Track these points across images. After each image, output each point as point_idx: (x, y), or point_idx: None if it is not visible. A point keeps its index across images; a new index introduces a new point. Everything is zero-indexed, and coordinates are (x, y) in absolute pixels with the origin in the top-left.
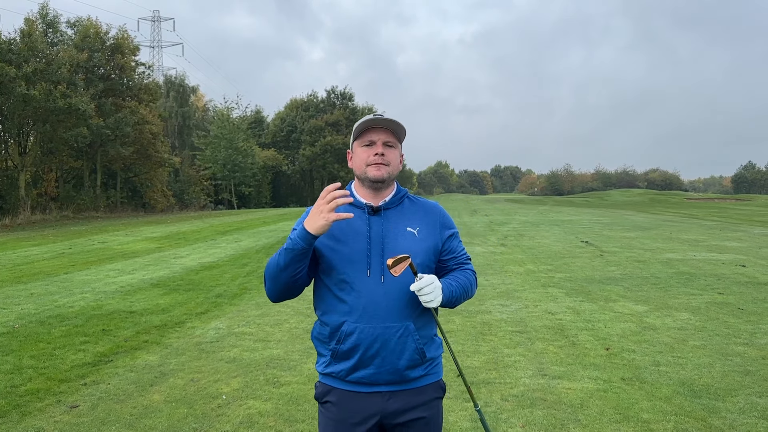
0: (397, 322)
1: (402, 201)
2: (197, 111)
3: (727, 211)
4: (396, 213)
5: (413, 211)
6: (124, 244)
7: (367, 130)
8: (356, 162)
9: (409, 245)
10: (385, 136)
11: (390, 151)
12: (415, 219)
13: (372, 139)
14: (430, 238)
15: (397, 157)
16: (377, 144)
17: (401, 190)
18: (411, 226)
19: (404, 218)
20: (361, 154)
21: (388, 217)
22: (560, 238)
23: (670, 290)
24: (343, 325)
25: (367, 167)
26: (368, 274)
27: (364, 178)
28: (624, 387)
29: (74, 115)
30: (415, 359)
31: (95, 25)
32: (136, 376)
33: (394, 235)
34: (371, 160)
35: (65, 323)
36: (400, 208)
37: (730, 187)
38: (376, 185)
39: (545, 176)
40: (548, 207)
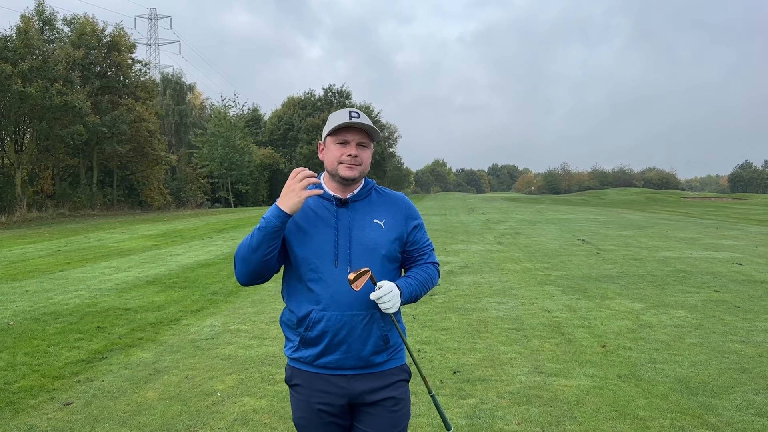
0: (363, 310)
1: (369, 193)
2: (194, 109)
3: (723, 209)
4: (363, 205)
5: (380, 203)
6: (120, 241)
7: (342, 128)
8: (328, 157)
9: (375, 236)
10: (360, 137)
11: (363, 151)
12: (382, 211)
13: (346, 138)
14: (396, 229)
15: (369, 158)
16: (351, 145)
17: (368, 183)
18: (378, 218)
19: (371, 210)
20: (335, 151)
21: (356, 209)
22: (557, 237)
23: (666, 288)
24: (311, 313)
25: (339, 165)
26: (335, 264)
27: (335, 174)
28: (620, 384)
29: (70, 112)
30: (380, 345)
31: (92, 22)
32: (131, 373)
33: (361, 226)
34: (345, 159)
35: (60, 320)
36: (368, 200)
37: (726, 186)
38: (346, 182)
39: (542, 175)
40: (545, 205)
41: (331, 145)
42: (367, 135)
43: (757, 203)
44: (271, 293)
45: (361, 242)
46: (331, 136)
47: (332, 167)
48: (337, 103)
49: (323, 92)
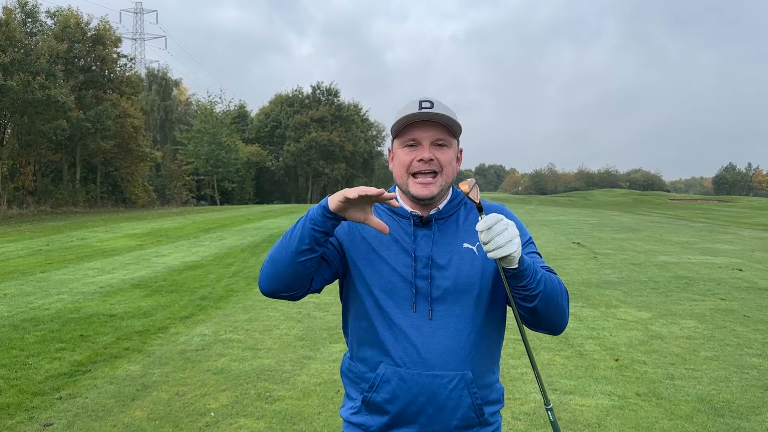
0: (451, 370)
1: (458, 208)
2: (180, 105)
3: (712, 212)
4: (451, 225)
5: (472, 219)
6: (104, 240)
7: (409, 125)
8: (397, 167)
9: (467, 268)
10: (435, 133)
11: (442, 152)
12: (474, 230)
13: (416, 137)
14: None
15: (452, 160)
16: (423, 145)
17: (457, 194)
18: (469, 242)
19: (461, 231)
20: (403, 158)
21: (441, 231)
22: (551, 239)
23: (671, 295)
24: (379, 365)
25: (410, 179)
26: (413, 308)
27: (406, 192)
28: (641, 404)
29: (53, 107)
30: (471, 418)
31: (76, 15)
32: (116, 388)
33: (448, 254)
34: (415, 167)
35: (40, 327)
36: (456, 217)
37: (710, 188)
38: (422, 202)
39: (529, 175)
40: (534, 206)
41: (398, 149)
42: (446, 130)
43: (744, 206)
44: (264, 299)
45: (447, 276)
46: (397, 139)
47: (402, 181)
48: (326, 100)
49: (311, 90)
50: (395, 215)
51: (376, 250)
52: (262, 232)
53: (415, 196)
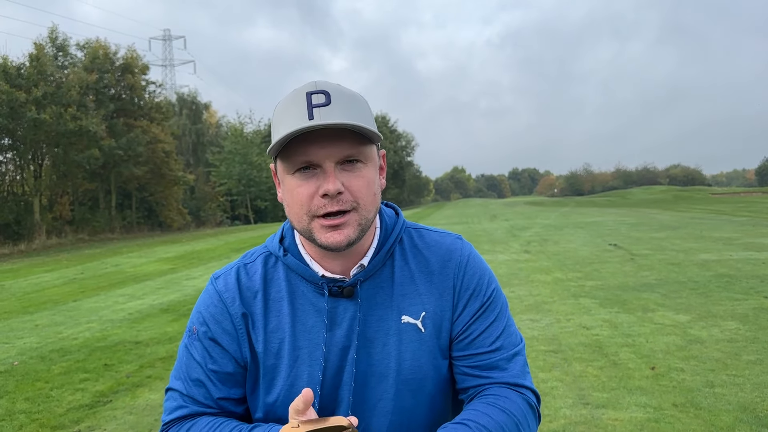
0: None
1: (389, 256)
2: (210, 127)
3: (755, 205)
4: (383, 287)
5: (409, 273)
6: (137, 266)
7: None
8: (288, 203)
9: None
10: (341, 148)
11: (356, 176)
12: (416, 291)
13: (311, 158)
14: (445, 326)
15: (369, 183)
16: (326, 170)
17: (388, 229)
18: (410, 312)
19: (396, 294)
20: (297, 192)
21: (370, 299)
22: (586, 242)
23: (711, 296)
24: None
25: (312, 221)
26: None
27: (310, 239)
28: (678, 415)
29: (85, 137)
30: None
31: (104, 45)
32: (135, 419)
33: (384, 337)
34: (317, 206)
35: (66, 358)
36: (390, 269)
37: (754, 180)
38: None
39: (564, 177)
40: (570, 208)
41: (285, 177)
42: (357, 137)
43: None
44: None
45: (387, 375)
46: (281, 159)
47: (300, 224)
48: None
49: None
50: (300, 277)
51: (281, 349)
52: None
53: (325, 247)
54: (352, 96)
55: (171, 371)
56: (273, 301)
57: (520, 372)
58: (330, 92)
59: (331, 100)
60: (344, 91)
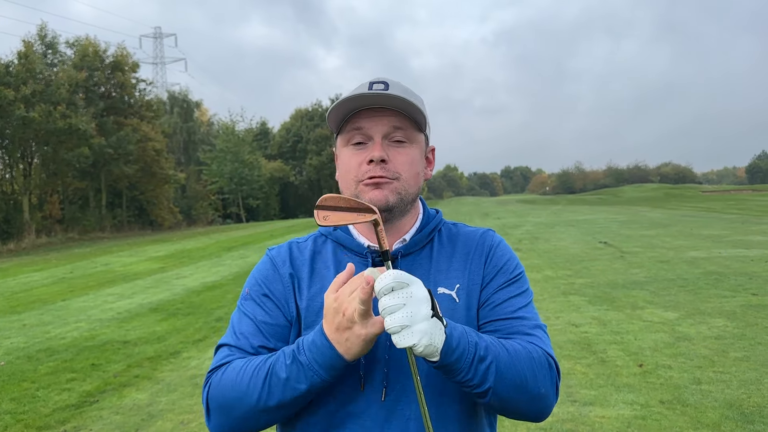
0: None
1: (430, 238)
2: (202, 125)
3: (745, 202)
4: (422, 262)
5: (449, 253)
6: (127, 265)
7: (354, 115)
8: (341, 173)
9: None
10: (388, 123)
11: (400, 151)
12: (452, 267)
13: (362, 127)
14: (475, 300)
15: (414, 162)
16: (375, 141)
17: (430, 217)
18: (446, 284)
19: (433, 270)
20: (349, 161)
21: (410, 270)
22: (577, 240)
23: (699, 293)
24: None
25: (358, 186)
26: (361, 387)
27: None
28: (665, 412)
29: (75, 135)
30: None
31: (94, 43)
32: (122, 419)
33: None
34: (363, 172)
35: (54, 357)
36: (428, 251)
37: (744, 178)
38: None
39: (556, 175)
40: (561, 206)
41: (342, 149)
42: (406, 120)
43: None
44: None
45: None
46: (340, 135)
47: (349, 190)
48: None
49: (330, 102)
50: (347, 251)
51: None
52: None
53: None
54: (409, 88)
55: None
56: (319, 269)
57: (543, 342)
58: (389, 82)
59: (388, 87)
60: (402, 85)
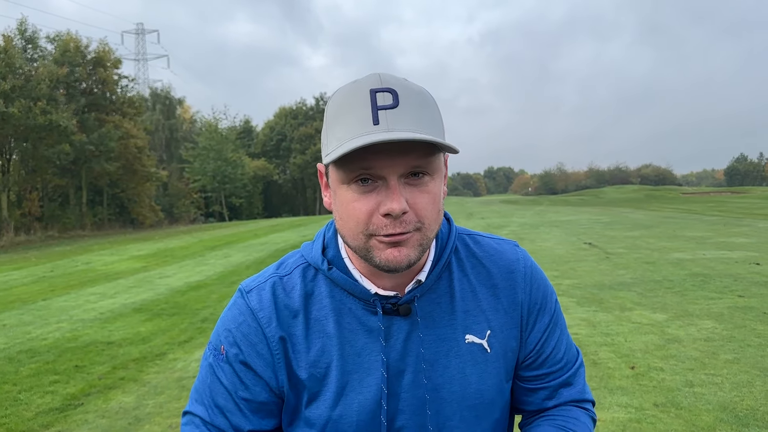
0: None
1: (449, 267)
2: (184, 123)
3: (725, 204)
4: (441, 304)
5: (471, 286)
6: (109, 264)
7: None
8: (342, 217)
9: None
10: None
11: (420, 190)
12: (479, 306)
13: (372, 171)
14: (511, 346)
15: (435, 198)
16: (389, 183)
17: (443, 239)
18: (475, 331)
19: (458, 312)
20: (353, 207)
21: (428, 318)
22: (562, 240)
23: (686, 294)
24: None
25: (369, 240)
26: None
27: (366, 258)
28: (659, 415)
29: (55, 131)
30: None
31: (75, 39)
32: (108, 423)
33: (444, 358)
34: (377, 226)
35: (35, 359)
36: (447, 283)
37: (722, 180)
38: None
39: (539, 176)
40: (545, 207)
41: (341, 190)
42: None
43: (758, 196)
44: None
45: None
46: (336, 166)
47: (356, 242)
48: None
49: (314, 101)
50: (347, 294)
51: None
52: (269, 247)
53: (383, 267)
54: (421, 95)
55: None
56: (315, 320)
57: (583, 386)
58: (397, 91)
59: (398, 101)
60: (412, 89)
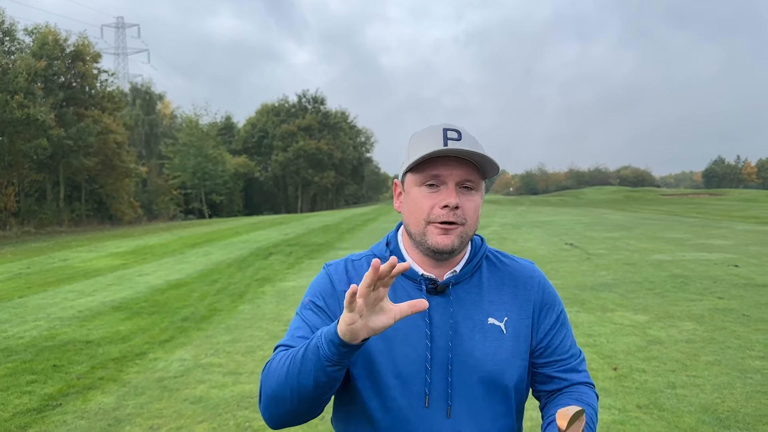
0: None
1: (478, 268)
2: (165, 118)
3: (704, 206)
4: (471, 292)
5: (497, 284)
6: (87, 261)
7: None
8: (412, 211)
9: (492, 352)
10: (464, 173)
11: (469, 198)
12: (501, 299)
13: (440, 175)
14: (524, 332)
15: (477, 208)
16: (449, 186)
17: (477, 246)
18: (495, 315)
19: (485, 300)
20: (421, 202)
21: (461, 301)
22: (544, 241)
23: (667, 296)
24: None
25: (427, 226)
26: (426, 403)
27: (421, 242)
28: (642, 417)
29: (33, 125)
30: None
31: (54, 32)
32: (87, 424)
33: (470, 332)
34: (436, 215)
35: (12, 358)
36: (478, 281)
37: (700, 182)
38: (440, 256)
39: (520, 176)
40: (526, 207)
41: (413, 188)
42: (476, 170)
43: (735, 198)
44: (248, 317)
45: (471, 363)
46: (413, 173)
47: (417, 228)
48: (312, 108)
49: (297, 98)
50: (401, 275)
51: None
52: (250, 245)
53: (434, 249)
54: (476, 138)
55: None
56: None
57: (587, 374)
58: (461, 131)
59: (461, 137)
60: (471, 133)
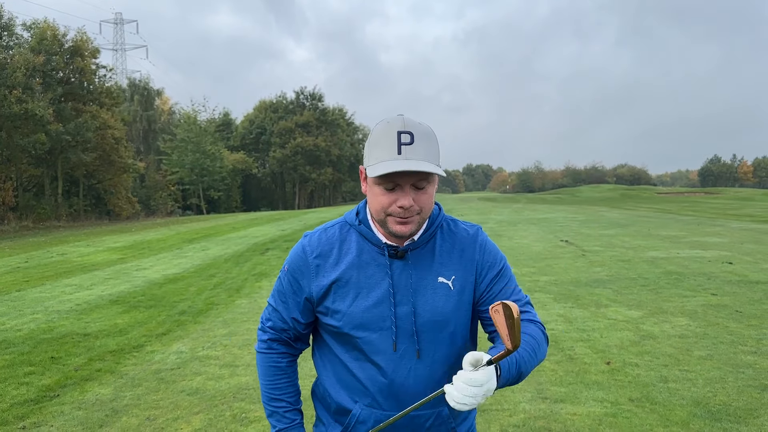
0: (427, 409)
1: (434, 236)
2: (163, 114)
3: (699, 205)
4: (425, 256)
5: (448, 248)
6: (85, 255)
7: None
8: (371, 202)
9: (441, 305)
10: (416, 178)
11: (422, 195)
12: (450, 262)
13: (396, 182)
14: (467, 288)
15: (431, 197)
16: (404, 190)
17: (434, 217)
18: (444, 275)
19: (435, 263)
20: (380, 198)
21: (416, 263)
22: (539, 238)
23: (661, 292)
24: (354, 405)
25: (387, 217)
26: (394, 347)
27: (383, 226)
28: (634, 410)
29: (31, 120)
30: None
31: (52, 27)
32: (84, 414)
33: (424, 289)
34: (394, 211)
35: (10, 350)
36: (431, 246)
37: (696, 181)
38: (400, 239)
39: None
40: (522, 205)
41: (374, 186)
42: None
43: (730, 197)
44: (245, 311)
45: (426, 315)
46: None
47: (379, 216)
48: (310, 105)
49: (295, 95)
50: (368, 241)
51: (349, 282)
52: (247, 240)
53: (394, 234)
54: (428, 135)
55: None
56: (345, 252)
57: (535, 315)
58: (413, 134)
59: (414, 140)
60: (423, 131)
